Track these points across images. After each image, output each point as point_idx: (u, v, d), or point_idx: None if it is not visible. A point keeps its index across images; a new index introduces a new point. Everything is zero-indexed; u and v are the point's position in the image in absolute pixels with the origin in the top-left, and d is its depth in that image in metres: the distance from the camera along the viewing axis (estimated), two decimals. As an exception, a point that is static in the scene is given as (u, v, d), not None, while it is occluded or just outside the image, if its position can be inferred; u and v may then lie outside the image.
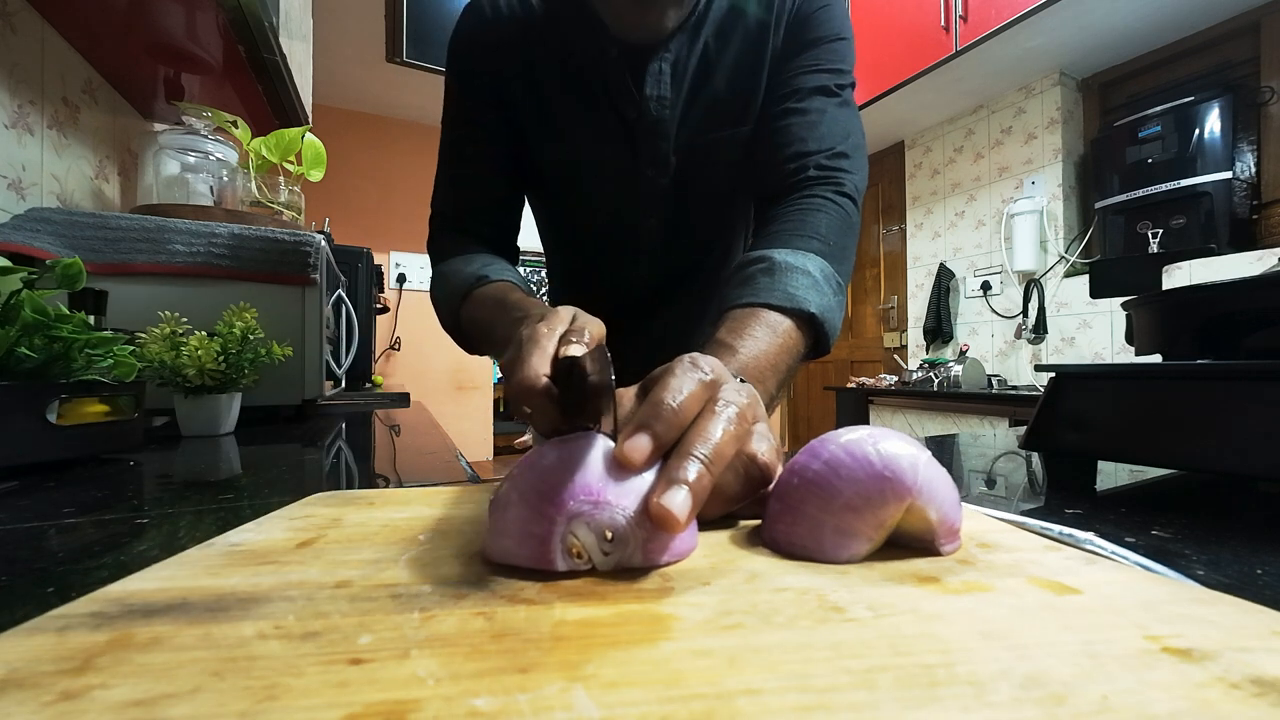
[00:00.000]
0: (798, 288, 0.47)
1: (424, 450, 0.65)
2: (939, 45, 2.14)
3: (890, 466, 0.22)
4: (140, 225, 0.78)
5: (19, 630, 0.16)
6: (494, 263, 0.60)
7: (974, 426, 2.06)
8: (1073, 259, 2.28)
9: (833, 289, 0.50)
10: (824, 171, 0.55)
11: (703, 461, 0.22)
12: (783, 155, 0.56)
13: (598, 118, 0.62)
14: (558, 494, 0.21)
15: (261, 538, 0.25)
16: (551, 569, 0.21)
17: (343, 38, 2.38)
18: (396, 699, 0.13)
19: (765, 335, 0.44)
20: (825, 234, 0.52)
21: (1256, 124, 1.88)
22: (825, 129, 0.56)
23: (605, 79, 0.60)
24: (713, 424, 0.24)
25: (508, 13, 0.62)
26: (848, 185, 0.55)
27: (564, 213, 0.72)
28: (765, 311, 0.45)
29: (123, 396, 0.52)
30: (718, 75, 0.60)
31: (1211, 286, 0.41)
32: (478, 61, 0.63)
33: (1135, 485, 0.43)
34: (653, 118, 0.60)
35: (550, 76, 0.61)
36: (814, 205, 0.54)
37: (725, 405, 0.25)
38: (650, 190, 0.64)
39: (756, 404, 0.27)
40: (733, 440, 0.24)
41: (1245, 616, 0.17)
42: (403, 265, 3.06)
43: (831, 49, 0.58)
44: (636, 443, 0.22)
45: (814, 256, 0.50)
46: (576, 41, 0.60)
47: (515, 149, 0.65)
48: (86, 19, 0.90)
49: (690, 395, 0.24)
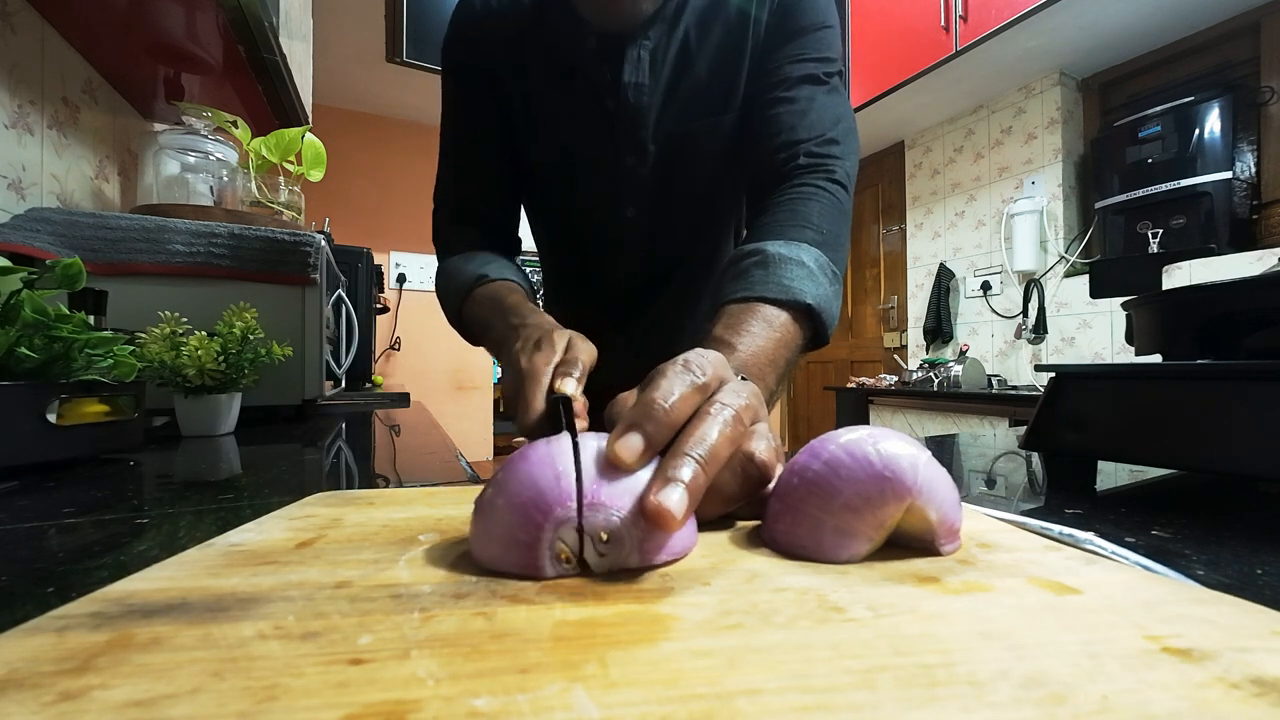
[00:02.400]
0: (793, 279, 0.47)
1: (424, 450, 0.65)
2: (939, 45, 2.14)
3: (890, 466, 0.22)
4: (140, 225, 0.78)
5: (19, 630, 0.16)
6: (494, 260, 0.60)
7: (974, 426, 2.06)
8: (1073, 259, 2.28)
9: (828, 278, 0.49)
10: (814, 159, 0.55)
11: (698, 461, 0.22)
12: (773, 144, 0.56)
13: (580, 107, 0.62)
14: (545, 500, 0.21)
15: (261, 538, 0.25)
16: (539, 576, 0.20)
17: (343, 38, 2.38)
18: (396, 699, 0.13)
19: (763, 330, 0.44)
20: (818, 223, 0.52)
21: (1256, 124, 1.88)
22: (814, 116, 0.56)
23: (585, 67, 0.61)
24: (708, 424, 0.24)
25: (496, 6, 0.63)
26: (838, 172, 0.55)
27: (550, 206, 0.72)
28: (762, 305, 0.45)
29: (123, 396, 0.52)
30: (698, 63, 0.60)
31: (1211, 286, 0.41)
32: (470, 55, 0.64)
33: (1135, 485, 0.43)
34: (631, 105, 0.60)
35: (537, 67, 0.62)
36: (805, 194, 0.53)
37: (721, 407, 0.24)
38: (632, 180, 0.64)
39: (757, 403, 0.27)
40: (728, 441, 0.24)
41: (1245, 616, 0.17)
42: (403, 265, 3.05)
43: (817, 37, 0.58)
44: (628, 441, 0.22)
45: (808, 247, 0.50)
46: (560, 31, 0.61)
47: (511, 141, 0.66)
48: (86, 19, 0.90)
49: (682, 396, 0.24)
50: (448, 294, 0.61)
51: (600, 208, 0.67)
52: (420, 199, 2.99)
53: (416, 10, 1.84)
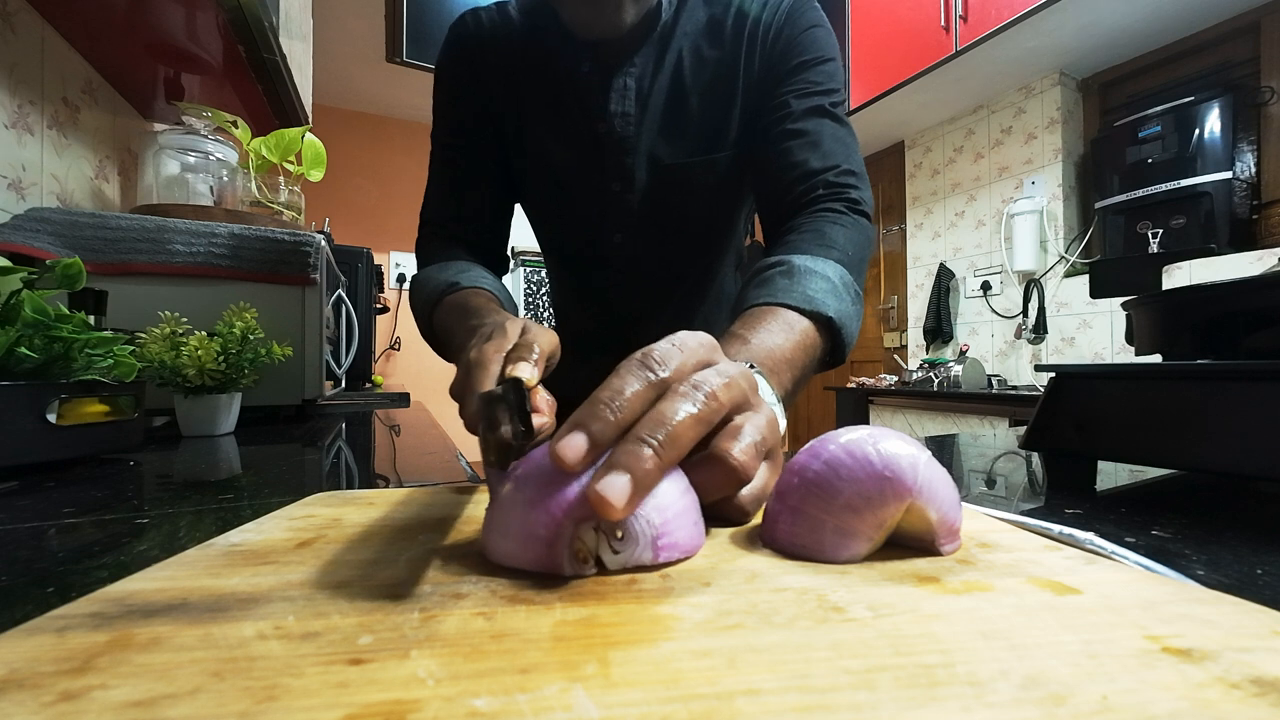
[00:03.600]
0: (816, 291, 0.46)
1: (424, 450, 0.65)
2: (939, 45, 2.14)
3: (890, 466, 0.22)
4: (140, 225, 0.78)
5: (19, 630, 0.16)
6: (469, 269, 0.59)
7: (974, 426, 2.06)
8: (1073, 259, 2.28)
9: (851, 297, 0.49)
10: (834, 189, 0.55)
11: (652, 445, 0.20)
12: (790, 177, 0.56)
13: (571, 130, 0.63)
14: (566, 496, 0.21)
15: (261, 538, 0.25)
16: (558, 573, 0.20)
17: (343, 38, 2.38)
18: (396, 699, 0.13)
19: (782, 330, 0.43)
20: (843, 245, 0.52)
21: (1256, 124, 1.88)
22: (828, 147, 0.56)
23: (577, 92, 0.61)
24: (671, 404, 0.22)
25: (490, 27, 0.63)
26: (863, 202, 0.55)
27: (542, 221, 0.73)
28: (783, 310, 0.45)
29: (123, 396, 0.52)
30: (689, 100, 0.61)
31: (1211, 286, 0.41)
32: (464, 74, 0.64)
33: (1135, 485, 0.43)
34: (617, 134, 0.61)
35: (530, 88, 0.63)
36: (829, 219, 0.54)
37: (692, 388, 0.23)
38: (618, 206, 0.64)
39: (746, 386, 0.25)
40: (695, 421, 0.22)
41: (1245, 616, 0.17)
42: (403, 265, 3.06)
43: (822, 70, 0.59)
44: (571, 441, 0.20)
45: (833, 264, 0.49)
46: (554, 54, 0.61)
47: (503, 158, 0.66)
48: (86, 19, 0.90)
49: (635, 393, 0.22)
50: (418, 305, 0.59)
51: (588, 229, 0.68)
52: (420, 199, 2.99)
53: (416, 10, 1.84)
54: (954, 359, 2.38)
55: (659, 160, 0.62)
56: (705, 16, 0.61)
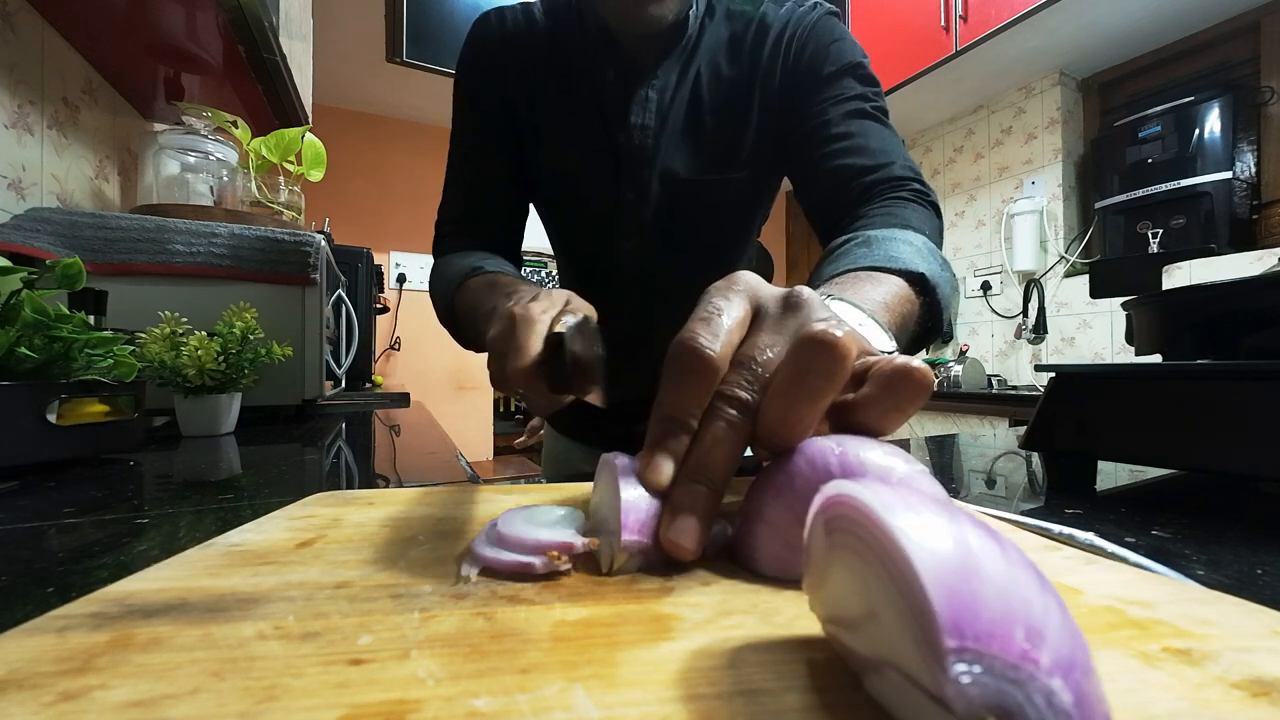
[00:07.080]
0: (900, 253, 0.42)
1: (424, 450, 0.65)
2: (939, 45, 2.14)
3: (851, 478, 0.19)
4: (140, 225, 0.78)
5: (19, 630, 0.16)
6: (491, 258, 0.60)
7: (974, 426, 2.06)
8: (1073, 259, 2.27)
9: (940, 263, 0.44)
10: (894, 183, 0.53)
11: (705, 484, 0.21)
12: (843, 179, 0.55)
13: (588, 136, 0.63)
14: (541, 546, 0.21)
15: (261, 538, 0.25)
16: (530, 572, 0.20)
17: (343, 38, 2.37)
18: (396, 699, 0.13)
19: (869, 283, 0.38)
20: (919, 225, 0.49)
21: (1256, 124, 1.88)
22: (877, 147, 0.55)
23: (598, 99, 0.61)
24: (705, 436, 0.21)
25: (513, 27, 0.63)
26: (931, 194, 0.54)
27: (554, 223, 0.73)
28: (865, 272, 0.40)
29: (123, 396, 0.52)
30: (707, 118, 0.61)
31: (1211, 286, 0.41)
32: (485, 74, 0.64)
33: (1135, 485, 0.43)
34: (635, 145, 0.61)
35: (550, 92, 0.63)
36: (899, 204, 0.51)
37: (721, 404, 0.21)
38: (631, 216, 0.64)
39: (812, 305, 0.22)
40: (729, 454, 0.21)
41: (1245, 616, 0.17)
42: (403, 265, 3.05)
43: (859, 75, 0.58)
44: (660, 467, 0.21)
45: (912, 232, 0.46)
46: (577, 61, 0.61)
47: (520, 159, 0.66)
48: (86, 19, 0.90)
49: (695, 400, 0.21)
50: (439, 287, 0.60)
51: (599, 236, 0.68)
52: (420, 199, 2.99)
53: (416, 10, 1.84)
54: (954, 359, 2.38)
55: (674, 175, 0.62)
56: (727, 34, 0.61)
